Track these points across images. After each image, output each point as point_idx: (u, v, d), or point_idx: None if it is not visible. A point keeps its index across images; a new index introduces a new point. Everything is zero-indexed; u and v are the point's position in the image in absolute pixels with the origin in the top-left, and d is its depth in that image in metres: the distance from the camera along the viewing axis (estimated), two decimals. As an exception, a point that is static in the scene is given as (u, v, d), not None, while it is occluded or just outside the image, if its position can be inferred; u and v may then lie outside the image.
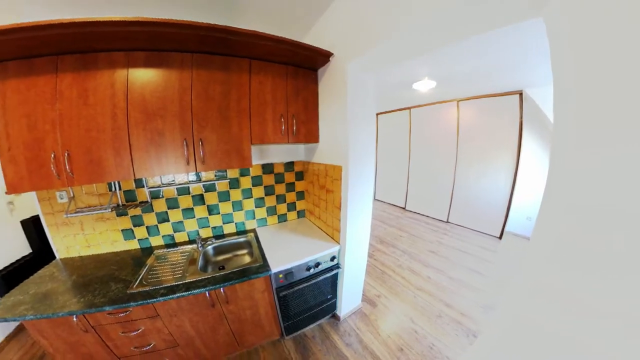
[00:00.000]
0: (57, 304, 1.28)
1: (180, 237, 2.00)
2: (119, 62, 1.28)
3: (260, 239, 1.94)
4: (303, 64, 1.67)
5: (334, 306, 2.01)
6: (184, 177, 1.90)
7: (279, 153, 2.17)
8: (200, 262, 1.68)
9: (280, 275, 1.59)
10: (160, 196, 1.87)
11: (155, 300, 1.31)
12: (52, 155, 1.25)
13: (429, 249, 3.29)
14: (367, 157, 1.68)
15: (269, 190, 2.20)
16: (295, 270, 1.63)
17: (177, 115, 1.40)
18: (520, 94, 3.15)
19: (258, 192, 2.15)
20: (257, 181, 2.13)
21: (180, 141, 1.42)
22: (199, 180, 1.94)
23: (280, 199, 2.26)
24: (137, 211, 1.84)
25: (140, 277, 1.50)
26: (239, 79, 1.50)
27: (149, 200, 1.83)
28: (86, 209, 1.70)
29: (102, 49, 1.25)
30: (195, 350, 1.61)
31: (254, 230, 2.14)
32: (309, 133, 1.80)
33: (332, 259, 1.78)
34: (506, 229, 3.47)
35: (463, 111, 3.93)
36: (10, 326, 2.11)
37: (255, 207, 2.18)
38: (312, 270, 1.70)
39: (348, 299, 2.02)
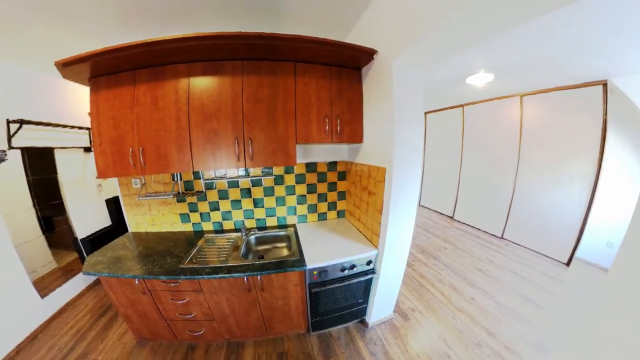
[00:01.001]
0: (125, 268, 1.59)
1: (227, 224, 2.21)
2: (182, 72, 1.51)
3: (299, 235, 2.01)
4: (346, 63, 1.66)
5: (363, 311, 1.97)
6: (235, 171, 2.08)
7: (322, 152, 2.20)
8: (242, 250, 1.83)
9: (315, 272, 1.62)
10: (213, 187, 2.10)
11: (201, 277, 1.50)
12: (130, 150, 1.55)
13: (476, 267, 2.97)
14: (413, 160, 1.58)
15: (311, 189, 2.25)
16: (330, 269, 1.64)
17: (230, 116, 1.55)
18: (604, 85, 2.55)
19: (301, 189, 2.23)
20: (300, 179, 2.20)
21: (232, 140, 1.57)
22: (247, 175, 2.10)
23: (322, 197, 2.30)
24: (194, 199, 2.11)
25: (191, 255, 1.72)
26: (285, 82, 1.58)
27: (204, 190, 2.08)
28: (154, 194, 2.04)
29: (168, 62, 1.49)
30: (227, 327, 1.78)
31: (294, 226, 2.22)
32: (352, 133, 1.78)
33: (369, 263, 1.74)
34: (577, 254, 2.92)
35: (528, 108, 3.38)
36: (91, 279, 2.74)
37: (297, 203, 2.25)
38: (346, 272, 1.69)
39: (379, 306, 1.96)
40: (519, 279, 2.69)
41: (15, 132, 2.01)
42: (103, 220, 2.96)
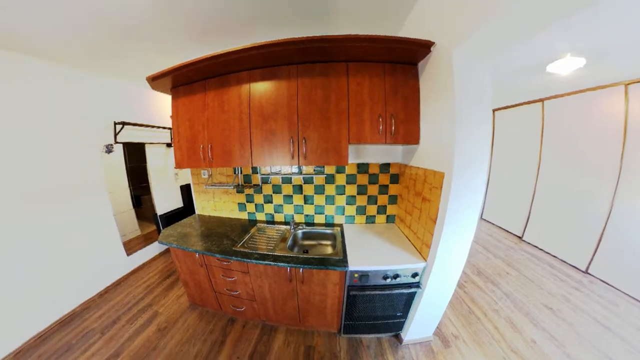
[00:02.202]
0: (190, 242, 1.91)
1: (278, 217, 2.38)
2: (243, 79, 1.72)
3: (345, 235, 2.01)
4: (400, 59, 1.57)
5: (400, 326, 1.85)
6: (288, 169, 2.23)
7: (375, 153, 2.14)
8: (289, 242, 1.95)
9: (356, 275, 1.60)
10: (268, 182, 2.31)
11: (249, 260, 1.67)
12: (201, 146, 1.85)
13: (545, 303, 2.42)
14: (477, 165, 1.36)
15: (362, 190, 2.22)
16: (372, 275, 1.60)
17: (285, 117, 1.67)
18: None
19: (351, 190, 2.22)
20: (351, 179, 2.20)
21: (287, 139, 1.68)
22: (300, 173, 2.21)
23: (372, 200, 2.25)
24: (251, 191, 2.37)
25: (244, 240, 1.94)
26: (338, 82, 1.61)
27: (260, 184, 2.32)
28: (218, 184, 2.37)
29: (232, 70, 1.72)
30: (265, 310, 1.95)
31: (341, 225, 2.24)
32: (408, 133, 1.67)
33: (414, 275, 1.63)
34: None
35: (636, 100, 2.50)
36: (163, 247, 3.46)
37: (346, 204, 2.26)
38: (388, 280, 1.62)
39: (419, 325, 1.80)
40: (603, 329, 2.08)
41: (119, 131, 2.73)
42: (177, 202, 3.67)
